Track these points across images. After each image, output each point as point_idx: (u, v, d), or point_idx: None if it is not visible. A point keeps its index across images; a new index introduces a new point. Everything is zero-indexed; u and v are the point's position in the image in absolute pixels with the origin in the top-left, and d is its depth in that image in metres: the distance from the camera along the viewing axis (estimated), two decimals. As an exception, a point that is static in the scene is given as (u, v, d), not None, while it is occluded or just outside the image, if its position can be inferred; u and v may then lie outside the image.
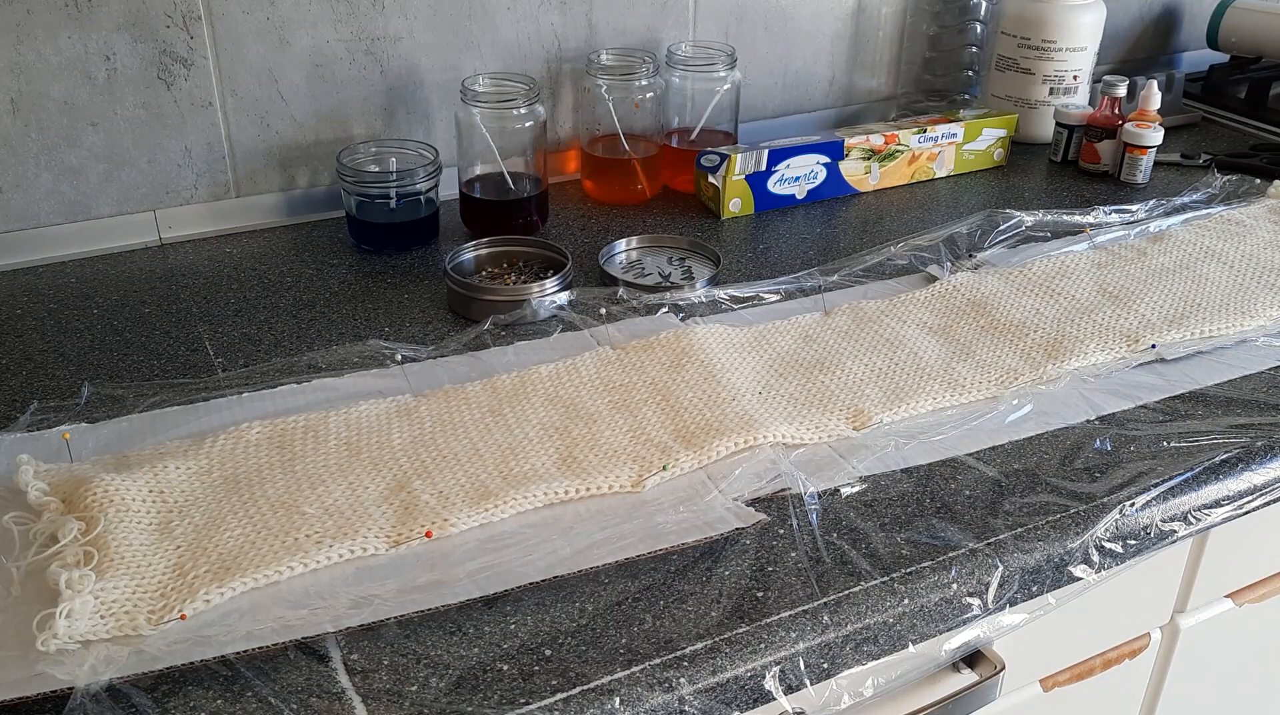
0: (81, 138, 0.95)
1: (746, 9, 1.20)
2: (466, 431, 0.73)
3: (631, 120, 1.09)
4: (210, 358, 0.83)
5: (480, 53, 1.08)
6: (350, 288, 0.94)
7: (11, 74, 0.91)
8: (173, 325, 0.87)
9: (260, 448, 0.70)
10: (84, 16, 0.91)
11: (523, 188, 1.03)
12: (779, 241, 1.04)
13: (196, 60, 0.97)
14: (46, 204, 0.96)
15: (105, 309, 0.90)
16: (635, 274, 0.95)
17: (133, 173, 0.98)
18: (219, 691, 0.55)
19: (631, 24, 1.15)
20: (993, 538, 0.66)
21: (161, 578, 0.60)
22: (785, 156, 1.09)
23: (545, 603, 0.61)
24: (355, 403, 0.76)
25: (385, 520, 0.65)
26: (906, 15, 1.30)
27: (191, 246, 1.01)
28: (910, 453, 0.73)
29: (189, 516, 0.64)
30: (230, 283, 0.94)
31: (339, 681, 0.55)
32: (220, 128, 1.00)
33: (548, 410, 0.75)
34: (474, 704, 0.55)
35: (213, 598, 0.59)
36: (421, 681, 0.56)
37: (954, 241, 1.01)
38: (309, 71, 1.01)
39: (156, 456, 0.69)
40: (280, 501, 0.66)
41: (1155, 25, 1.50)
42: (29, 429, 0.73)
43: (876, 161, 1.14)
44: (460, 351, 0.83)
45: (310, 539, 0.63)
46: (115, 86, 0.95)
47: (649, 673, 0.57)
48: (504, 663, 0.57)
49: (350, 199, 0.99)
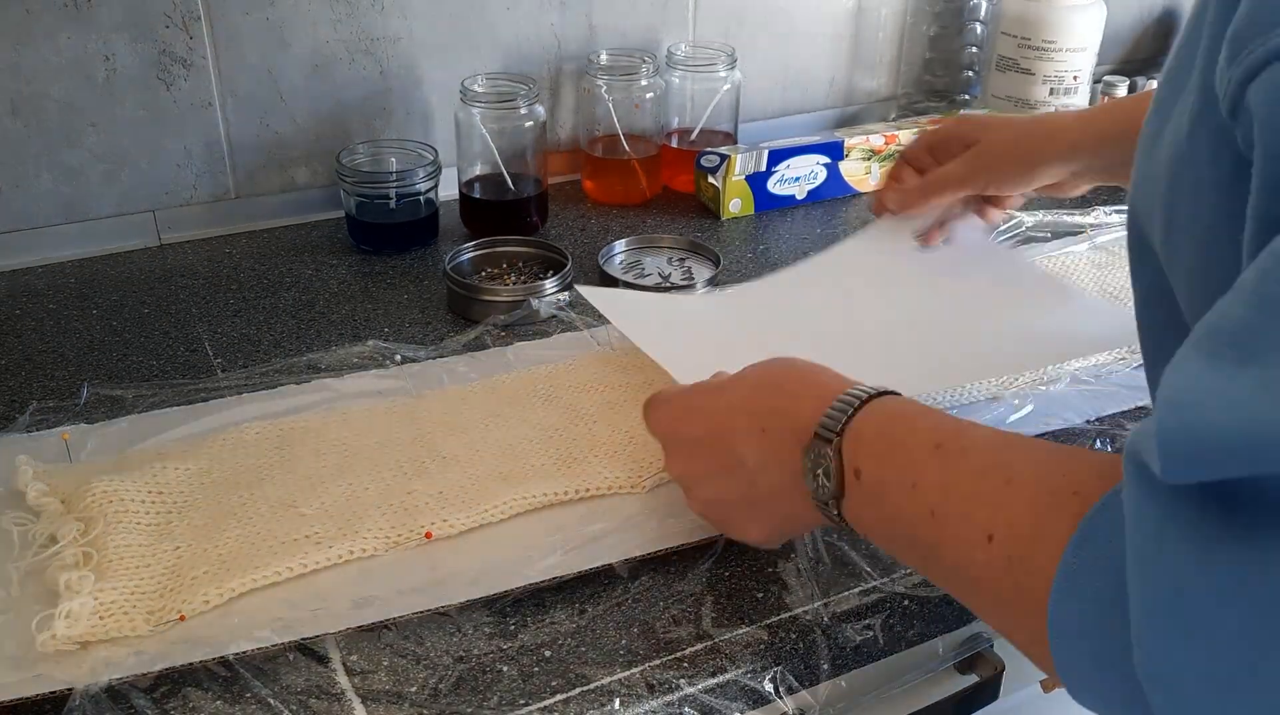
0: (81, 138, 0.95)
1: (746, 9, 1.20)
2: (466, 432, 0.73)
3: (631, 120, 1.09)
4: (210, 358, 0.83)
5: (480, 53, 1.08)
6: (350, 288, 0.94)
7: (11, 74, 0.91)
8: (172, 326, 0.87)
9: (260, 448, 0.70)
10: (84, 17, 0.91)
11: (522, 188, 1.03)
12: (779, 242, 1.04)
13: (196, 61, 0.97)
14: (46, 204, 0.96)
15: (105, 309, 0.90)
16: (635, 274, 0.95)
17: (132, 173, 0.98)
18: (219, 692, 0.55)
19: (631, 24, 1.15)
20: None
21: (161, 578, 0.60)
22: (785, 157, 1.09)
23: (545, 603, 0.61)
24: (355, 403, 0.76)
25: (385, 520, 0.64)
26: (906, 15, 1.30)
27: (191, 247, 1.00)
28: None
29: (188, 517, 0.64)
30: (230, 283, 0.94)
31: (339, 682, 0.55)
32: (220, 128, 1.00)
33: (547, 410, 0.75)
34: (474, 704, 0.55)
35: (212, 598, 0.58)
36: (421, 682, 0.56)
37: (954, 242, 1.01)
38: (309, 72, 1.01)
39: (156, 457, 0.69)
40: (280, 502, 0.66)
41: (1155, 25, 1.50)
42: (28, 429, 0.73)
43: (877, 162, 1.14)
44: (460, 352, 0.83)
45: (310, 539, 0.63)
46: (115, 87, 0.95)
47: (649, 673, 0.57)
48: (504, 663, 0.57)
49: (350, 199, 0.99)
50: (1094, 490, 0.41)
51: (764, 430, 0.56)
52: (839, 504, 0.53)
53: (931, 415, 0.52)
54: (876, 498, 0.51)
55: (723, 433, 0.58)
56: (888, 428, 0.52)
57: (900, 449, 0.50)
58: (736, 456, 0.57)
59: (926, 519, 0.48)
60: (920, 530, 0.48)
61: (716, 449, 0.59)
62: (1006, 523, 0.44)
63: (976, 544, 0.45)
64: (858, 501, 0.52)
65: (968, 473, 0.47)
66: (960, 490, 0.47)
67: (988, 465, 0.47)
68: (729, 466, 0.58)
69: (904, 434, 0.51)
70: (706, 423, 0.60)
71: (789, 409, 0.56)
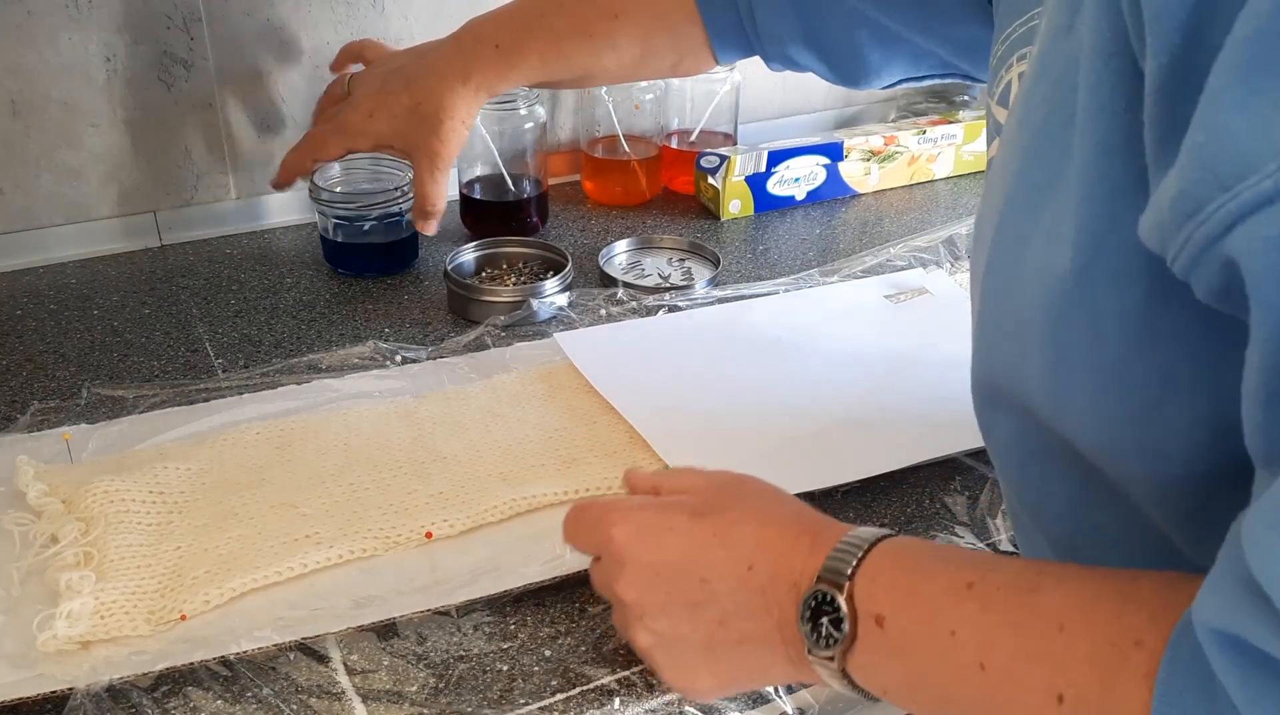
0: (82, 139, 0.95)
1: (746, 10, 1.20)
2: (466, 432, 0.73)
3: (631, 121, 1.09)
4: (210, 359, 0.83)
5: (480, 54, 1.08)
6: (350, 289, 0.94)
7: (12, 75, 0.91)
8: (173, 326, 0.88)
9: (260, 448, 0.71)
10: (84, 18, 0.92)
11: (522, 189, 1.03)
12: (779, 242, 1.04)
13: (196, 62, 0.97)
14: (47, 205, 0.96)
15: (105, 310, 0.90)
16: (635, 275, 0.96)
17: (133, 174, 0.98)
18: (219, 691, 0.55)
19: (631, 25, 1.15)
20: (992, 538, 0.66)
21: (161, 578, 0.60)
22: (785, 158, 1.09)
23: (545, 603, 0.61)
24: (355, 403, 0.76)
25: (385, 520, 0.65)
26: (906, 16, 1.30)
27: (191, 247, 1.01)
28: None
29: (189, 517, 0.64)
30: (230, 284, 0.94)
31: (339, 681, 0.56)
32: (220, 129, 1.00)
33: (547, 410, 0.76)
34: (474, 704, 0.55)
35: (213, 598, 0.59)
36: (421, 681, 0.56)
37: (953, 243, 1.01)
38: (309, 73, 1.01)
39: (156, 457, 0.69)
40: (280, 502, 0.66)
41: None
42: (29, 430, 0.73)
43: (876, 163, 1.14)
44: (460, 352, 0.83)
45: (310, 539, 0.63)
46: (115, 88, 0.95)
47: (649, 672, 0.57)
48: (504, 663, 0.57)
49: (326, 221, 0.94)
50: (1155, 638, 0.37)
51: (751, 567, 0.50)
52: (844, 657, 0.47)
53: (946, 550, 0.48)
54: (902, 649, 0.45)
55: (700, 563, 0.51)
56: (908, 567, 0.46)
57: (928, 592, 0.45)
58: (710, 591, 0.50)
59: (975, 673, 0.42)
60: (965, 687, 0.43)
61: (688, 580, 0.51)
62: (1070, 684, 0.39)
63: (1044, 706, 0.40)
64: (874, 653, 0.46)
65: (1014, 618, 0.42)
66: (1011, 639, 0.42)
67: (1031, 606, 0.42)
68: (698, 602, 0.51)
69: (929, 575, 0.45)
70: (681, 548, 0.51)
71: (780, 545, 0.50)
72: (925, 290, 0.92)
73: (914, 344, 0.84)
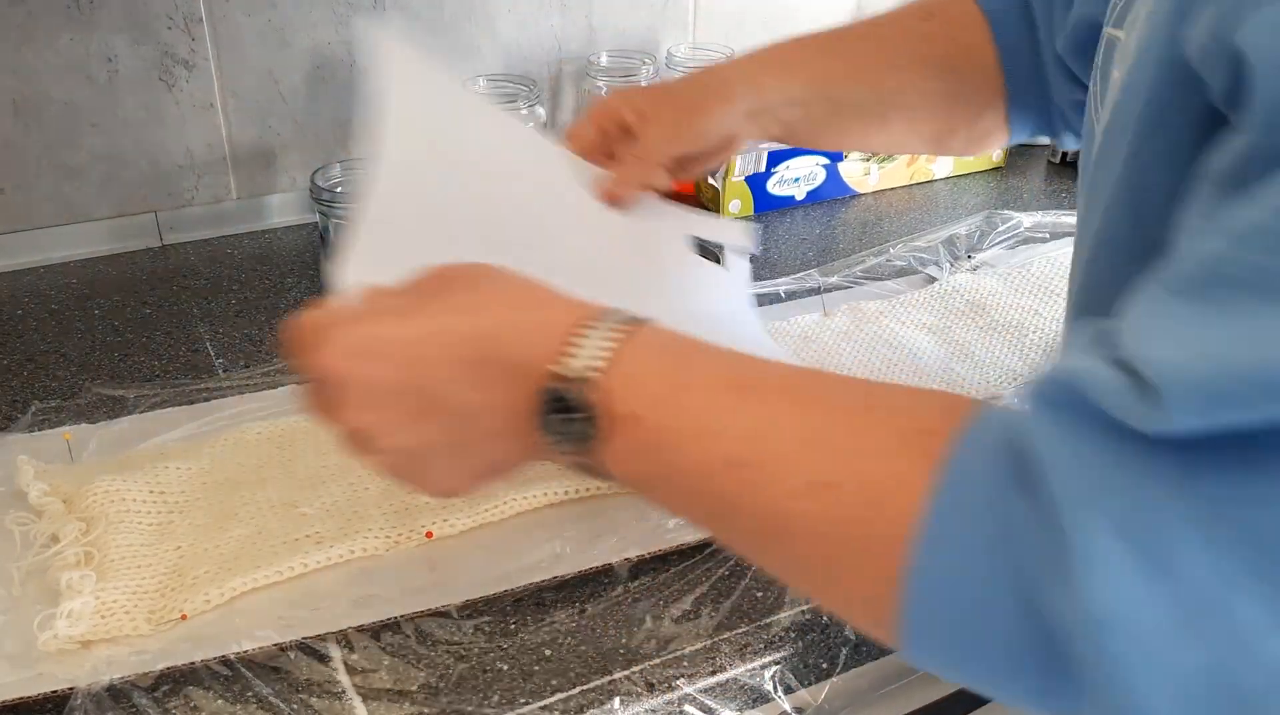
0: (83, 139, 0.96)
1: (747, 11, 1.20)
2: (467, 432, 0.73)
3: (631, 121, 1.09)
4: (211, 358, 0.83)
5: (481, 54, 1.08)
6: (351, 289, 0.94)
7: (13, 75, 0.91)
8: (174, 326, 0.88)
9: (261, 448, 0.71)
10: (85, 18, 0.92)
11: (523, 189, 1.03)
12: (779, 242, 1.04)
13: (198, 62, 0.97)
14: (48, 205, 0.96)
15: (106, 310, 0.90)
16: (635, 275, 0.95)
17: (134, 174, 0.99)
18: (219, 691, 0.55)
19: (632, 26, 1.15)
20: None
21: (162, 578, 0.60)
22: (785, 158, 1.09)
23: (545, 603, 0.61)
24: (356, 403, 0.76)
25: (385, 520, 0.65)
26: (906, 17, 1.30)
27: (192, 247, 1.01)
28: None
29: (190, 517, 0.65)
30: (231, 284, 0.94)
31: (340, 681, 0.56)
32: (221, 129, 1.00)
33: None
34: (474, 703, 0.55)
35: (213, 598, 0.59)
36: (422, 681, 0.56)
37: (953, 243, 1.01)
38: (310, 73, 1.02)
39: (157, 457, 0.69)
40: (281, 502, 0.66)
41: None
42: (30, 429, 0.73)
43: (876, 163, 1.14)
44: (460, 352, 0.83)
45: (311, 539, 0.63)
46: (116, 88, 0.95)
47: (649, 672, 0.57)
48: (504, 663, 0.57)
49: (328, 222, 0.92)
50: (945, 427, 0.38)
51: (482, 361, 0.46)
52: (594, 452, 0.45)
53: (710, 351, 0.46)
54: (655, 448, 0.44)
55: (423, 373, 0.46)
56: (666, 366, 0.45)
57: (689, 392, 0.43)
58: (440, 400, 0.46)
59: (730, 469, 0.42)
60: (719, 482, 0.42)
61: (416, 394, 0.46)
62: (847, 468, 0.40)
63: (800, 493, 0.40)
64: (627, 451, 0.44)
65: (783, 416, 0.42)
66: (777, 436, 0.41)
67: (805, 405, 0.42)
68: (428, 411, 0.47)
69: (690, 374, 0.44)
70: (399, 361, 0.46)
71: (511, 335, 0.46)
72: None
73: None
